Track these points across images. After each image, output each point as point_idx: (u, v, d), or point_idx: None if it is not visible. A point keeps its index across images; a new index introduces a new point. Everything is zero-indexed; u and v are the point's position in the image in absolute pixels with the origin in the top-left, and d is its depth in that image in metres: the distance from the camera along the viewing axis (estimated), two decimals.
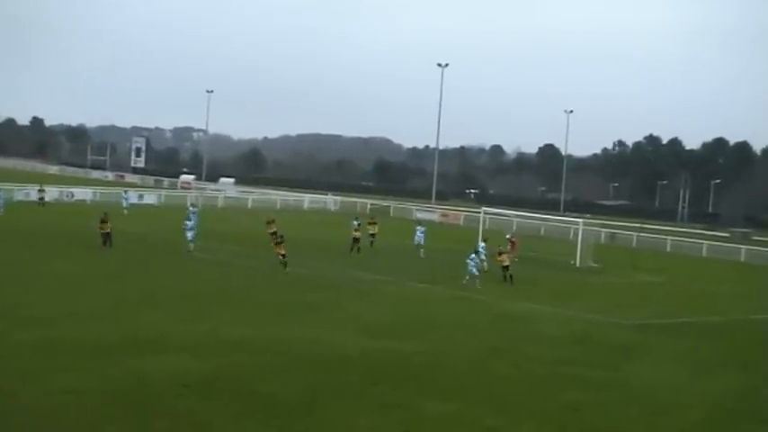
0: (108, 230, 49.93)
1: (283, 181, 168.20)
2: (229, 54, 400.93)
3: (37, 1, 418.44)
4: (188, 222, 52.40)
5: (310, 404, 21.00)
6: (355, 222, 58.80)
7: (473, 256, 45.53)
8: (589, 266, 58.99)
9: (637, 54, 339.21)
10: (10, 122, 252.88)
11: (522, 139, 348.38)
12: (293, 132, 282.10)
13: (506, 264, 46.91)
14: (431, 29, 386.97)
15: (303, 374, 23.78)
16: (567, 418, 21.57)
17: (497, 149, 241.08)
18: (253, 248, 53.40)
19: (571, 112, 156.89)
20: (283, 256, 45.42)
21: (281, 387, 22.36)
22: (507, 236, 60.38)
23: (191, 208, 65.91)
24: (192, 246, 50.14)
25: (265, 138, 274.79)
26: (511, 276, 46.28)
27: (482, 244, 51.64)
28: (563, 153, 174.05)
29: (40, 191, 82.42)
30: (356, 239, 56.53)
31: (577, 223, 66.68)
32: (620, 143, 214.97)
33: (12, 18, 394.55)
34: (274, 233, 51.77)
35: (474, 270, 44.56)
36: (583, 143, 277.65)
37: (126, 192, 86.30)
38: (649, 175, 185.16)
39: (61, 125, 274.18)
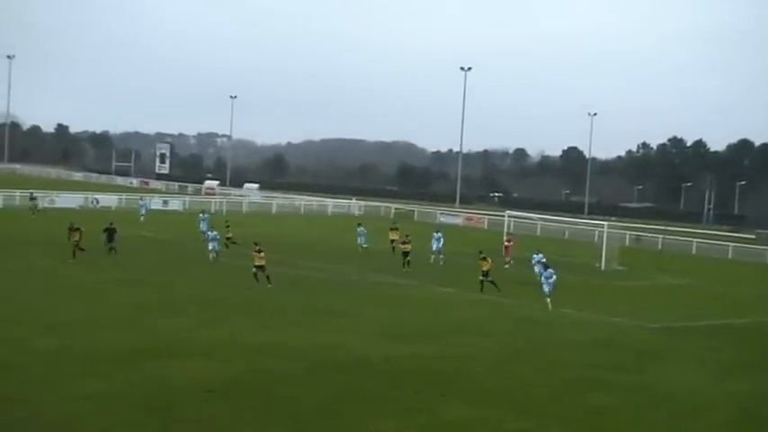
0: (76, 240, 46.40)
1: (307, 186, 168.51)
2: (253, 60, 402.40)
3: (60, 9, 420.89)
4: (210, 233, 52.42)
5: (332, 409, 20.93)
6: (360, 229, 59.49)
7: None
8: (614, 269, 58.68)
9: (660, 56, 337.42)
10: (35, 130, 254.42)
11: (545, 143, 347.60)
12: (317, 137, 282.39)
13: (485, 269, 43.71)
14: (454, 33, 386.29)
15: (325, 379, 23.72)
16: (592, 422, 21.40)
17: (521, 153, 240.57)
18: (277, 253, 53.33)
19: (595, 114, 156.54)
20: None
21: (303, 392, 22.31)
22: (504, 238, 60.34)
23: (201, 215, 65.85)
24: (214, 254, 49.97)
25: (289, 143, 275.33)
26: (493, 282, 42.96)
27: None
28: (587, 156, 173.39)
29: (32, 198, 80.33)
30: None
31: (602, 226, 66.29)
32: (645, 145, 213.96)
33: (35, 26, 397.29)
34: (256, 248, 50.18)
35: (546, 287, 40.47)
36: (607, 146, 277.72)
37: (142, 198, 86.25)
38: (674, 178, 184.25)
39: (85, 132, 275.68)
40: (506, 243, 59.34)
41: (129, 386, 21.76)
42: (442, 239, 56.62)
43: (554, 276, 40.43)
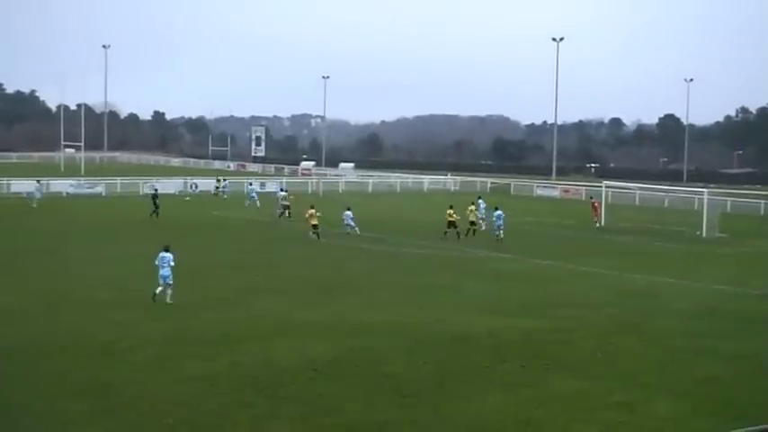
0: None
1: (402, 163, 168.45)
2: (345, 40, 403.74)
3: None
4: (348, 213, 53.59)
5: (438, 384, 21.01)
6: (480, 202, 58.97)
7: None
8: (715, 236, 57.65)
9: (758, 18, 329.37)
10: (132, 118, 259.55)
11: (641, 111, 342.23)
12: (410, 115, 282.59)
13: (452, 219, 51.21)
14: (545, 3, 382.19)
15: (429, 355, 23.80)
16: (701, 392, 21.06)
17: (616, 122, 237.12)
18: (375, 231, 53.63)
19: (691, 80, 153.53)
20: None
21: (408, 368, 22.43)
22: (589, 197, 63.00)
23: (281, 193, 67.35)
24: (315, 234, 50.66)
25: (382, 121, 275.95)
26: (472, 232, 51.32)
27: None
28: (684, 123, 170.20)
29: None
30: (451, 223, 54.79)
31: (702, 193, 65.24)
32: (744, 110, 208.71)
33: (130, 15, 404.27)
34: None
35: None
36: (704, 112, 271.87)
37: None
38: None
39: (182, 118, 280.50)
40: (594, 204, 63.58)
41: (237, 367, 22.13)
42: (502, 216, 56.57)
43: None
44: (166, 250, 30.91)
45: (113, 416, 18.21)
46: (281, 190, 71.36)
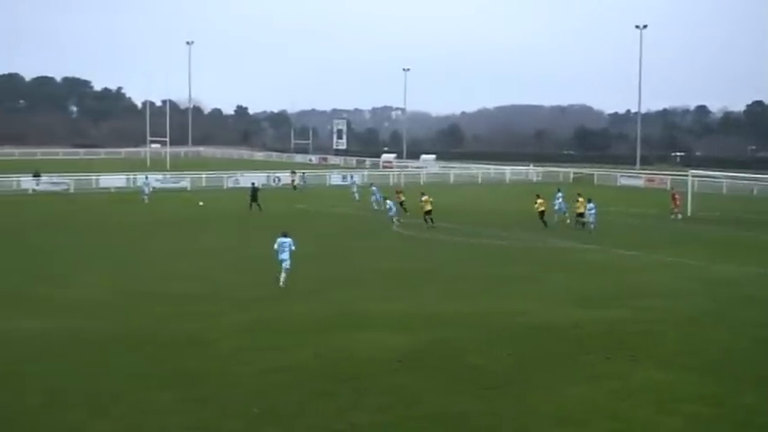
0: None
1: (483, 154, 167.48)
2: (425, 31, 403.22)
3: None
4: (389, 202, 54.28)
5: (520, 375, 20.92)
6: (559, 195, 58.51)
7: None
8: None
9: None
10: (216, 113, 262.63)
11: (728, 98, 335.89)
12: (491, 105, 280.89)
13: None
14: None
15: (512, 346, 23.70)
16: None
17: (702, 110, 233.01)
18: (456, 222, 53.56)
19: None
20: None
21: (490, 359, 22.37)
22: (669, 188, 61.87)
23: (373, 188, 68.01)
24: (394, 221, 51.35)
25: (463, 112, 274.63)
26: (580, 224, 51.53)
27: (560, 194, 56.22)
28: None
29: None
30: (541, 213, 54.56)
31: None
32: None
33: (212, 11, 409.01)
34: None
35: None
36: None
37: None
38: None
39: (264, 112, 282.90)
40: (674, 194, 62.09)
41: (320, 358, 22.27)
42: (562, 199, 56.13)
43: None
44: (285, 236, 32.46)
45: (200, 405, 18.47)
46: (371, 185, 71.68)
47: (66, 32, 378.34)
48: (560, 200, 56.54)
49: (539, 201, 53.08)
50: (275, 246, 32.48)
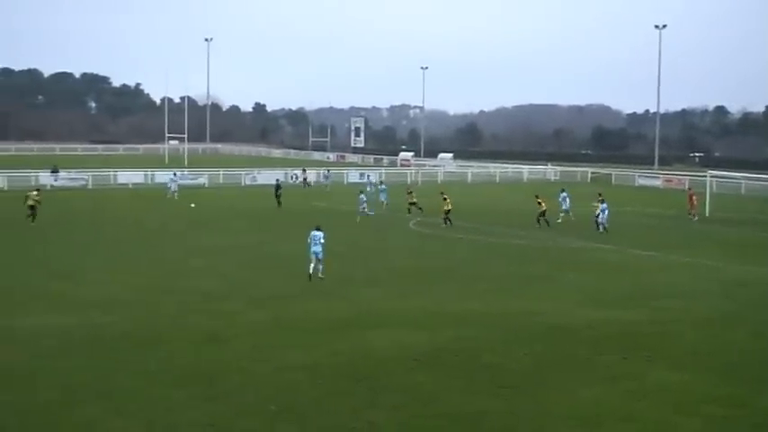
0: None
1: (500, 153, 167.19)
2: (443, 30, 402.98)
3: None
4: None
5: (536, 375, 20.89)
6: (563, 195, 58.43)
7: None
8: None
9: None
10: (234, 110, 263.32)
11: (747, 99, 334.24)
12: (509, 104, 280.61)
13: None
14: None
15: (528, 346, 23.67)
16: None
17: (721, 110, 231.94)
18: (473, 222, 53.51)
19: None
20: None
21: (506, 359, 22.35)
22: (686, 188, 61.27)
23: (381, 186, 68.60)
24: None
25: (481, 111, 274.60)
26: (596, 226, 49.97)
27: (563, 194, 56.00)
28: None
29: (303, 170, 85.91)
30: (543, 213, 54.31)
31: None
32: None
33: (231, 8, 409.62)
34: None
35: None
36: None
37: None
38: None
39: (282, 110, 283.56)
40: (690, 195, 61.49)
41: (336, 356, 22.31)
42: (568, 198, 55.78)
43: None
44: (318, 229, 33.56)
45: (217, 402, 18.52)
46: (381, 183, 71.87)
47: (86, 29, 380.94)
48: (566, 199, 56.14)
49: (539, 201, 52.68)
50: (308, 239, 33.52)
